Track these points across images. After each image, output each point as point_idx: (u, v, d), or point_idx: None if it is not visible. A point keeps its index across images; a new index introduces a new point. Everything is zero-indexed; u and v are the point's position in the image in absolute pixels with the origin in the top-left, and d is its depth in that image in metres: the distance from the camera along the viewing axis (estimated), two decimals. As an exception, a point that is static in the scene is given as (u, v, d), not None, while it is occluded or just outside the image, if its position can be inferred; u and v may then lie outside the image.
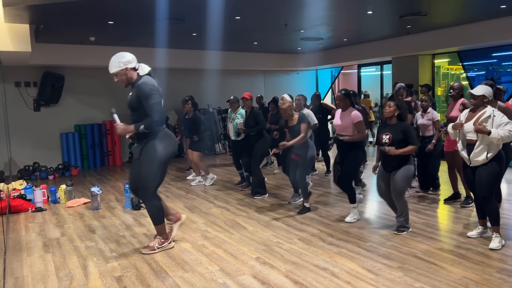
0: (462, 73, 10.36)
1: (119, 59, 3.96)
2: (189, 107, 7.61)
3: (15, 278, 3.81)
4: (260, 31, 8.73)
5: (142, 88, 3.92)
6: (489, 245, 4.06)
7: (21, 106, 9.71)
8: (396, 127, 4.49)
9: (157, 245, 4.27)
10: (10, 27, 6.51)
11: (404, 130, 4.43)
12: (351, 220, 5.11)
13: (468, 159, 4.15)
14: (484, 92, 4.11)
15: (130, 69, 3.99)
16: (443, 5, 6.95)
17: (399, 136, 4.42)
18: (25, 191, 6.49)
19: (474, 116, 4.13)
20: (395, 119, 4.52)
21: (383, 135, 4.51)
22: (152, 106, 3.89)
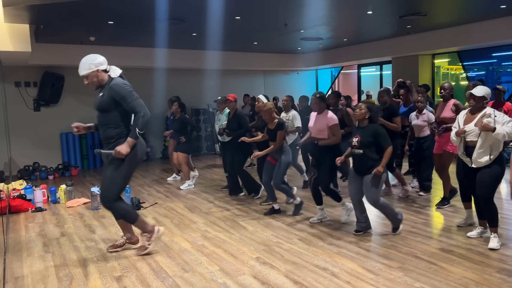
0: (462, 73, 10.36)
1: (90, 61, 3.87)
2: (176, 108, 7.46)
3: (15, 278, 3.81)
4: (260, 31, 8.73)
5: (116, 90, 3.83)
6: (488, 245, 4.05)
7: (21, 106, 9.71)
8: (366, 129, 4.39)
9: (147, 242, 4.19)
10: (10, 27, 6.51)
11: (375, 133, 4.32)
12: (346, 219, 5.10)
13: (469, 161, 4.10)
14: (484, 93, 4.08)
15: (101, 71, 3.93)
16: (443, 5, 6.95)
17: (368, 139, 4.31)
18: (25, 191, 6.49)
19: (474, 118, 4.09)
20: (366, 121, 4.42)
21: (353, 138, 4.44)
22: (133, 102, 3.82)
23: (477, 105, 4.09)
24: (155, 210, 6.05)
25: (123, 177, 3.97)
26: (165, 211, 5.97)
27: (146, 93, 10.19)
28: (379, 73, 11.99)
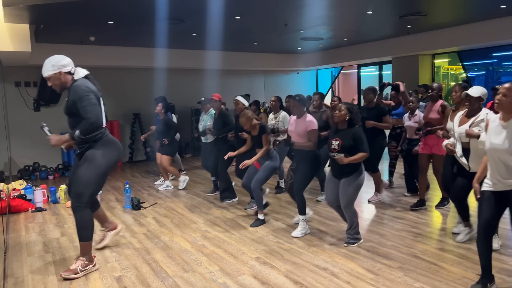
0: (462, 73, 10.37)
1: (52, 63, 3.68)
2: (160, 109, 7.16)
3: (15, 278, 3.81)
4: (260, 31, 8.73)
5: (75, 90, 3.65)
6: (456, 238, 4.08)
7: (21, 106, 9.71)
8: (346, 132, 4.16)
9: (80, 267, 3.76)
10: (10, 27, 6.51)
11: (355, 136, 4.11)
12: (298, 235, 4.65)
13: (467, 165, 3.92)
14: (481, 93, 3.86)
15: (64, 73, 3.71)
16: (443, 5, 6.95)
17: (349, 142, 4.09)
18: (25, 191, 6.49)
19: (469, 120, 3.88)
20: (345, 123, 4.18)
21: (333, 141, 4.19)
22: (86, 107, 3.59)
23: (473, 106, 3.87)
24: (155, 210, 6.05)
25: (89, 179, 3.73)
26: (165, 211, 5.97)
27: (146, 93, 10.22)
28: (379, 73, 11.99)
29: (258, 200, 5.14)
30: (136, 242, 4.68)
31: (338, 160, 4.10)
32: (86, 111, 3.60)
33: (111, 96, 10.65)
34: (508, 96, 2.86)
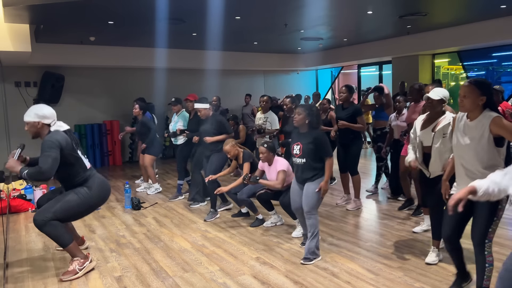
0: (462, 73, 10.37)
1: (35, 111, 3.77)
2: (137, 111, 7.05)
3: (15, 278, 3.81)
4: (260, 31, 8.73)
5: (43, 141, 3.76)
6: (426, 259, 3.77)
7: (21, 106, 9.69)
8: (307, 136, 3.94)
9: (77, 267, 3.80)
10: (10, 27, 6.51)
11: (315, 140, 3.88)
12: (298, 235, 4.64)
13: (427, 170, 3.70)
14: (442, 95, 3.65)
15: (43, 124, 3.81)
16: (443, 5, 6.95)
17: (310, 146, 3.89)
18: (25, 191, 6.49)
19: (431, 124, 3.67)
20: (306, 127, 3.96)
21: (294, 145, 4.00)
22: (44, 157, 3.65)
23: (435, 109, 3.66)
24: (155, 210, 6.05)
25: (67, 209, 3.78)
26: (165, 211, 5.97)
27: (146, 93, 10.21)
28: (379, 73, 11.99)
29: (250, 206, 5.15)
30: (136, 242, 4.68)
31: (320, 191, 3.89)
32: (42, 161, 3.65)
33: (111, 96, 10.68)
34: (468, 97, 2.83)
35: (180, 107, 6.82)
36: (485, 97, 2.80)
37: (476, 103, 2.81)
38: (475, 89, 2.80)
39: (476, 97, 2.80)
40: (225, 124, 5.77)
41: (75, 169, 3.84)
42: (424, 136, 3.67)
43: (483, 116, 2.81)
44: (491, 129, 2.76)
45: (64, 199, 3.78)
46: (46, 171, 3.61)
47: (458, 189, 2.97)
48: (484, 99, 2.80)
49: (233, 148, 5.25)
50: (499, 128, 2.74)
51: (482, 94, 2.80)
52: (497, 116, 2.78)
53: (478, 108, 2.83)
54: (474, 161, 2.83)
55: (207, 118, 5.76)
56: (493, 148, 2.78)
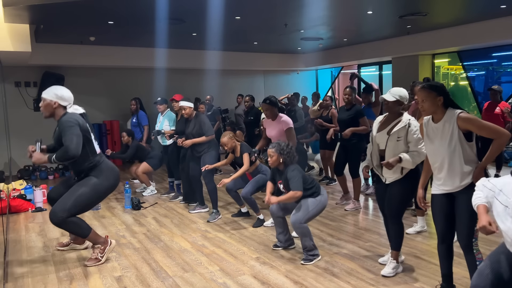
0: (462, 73, 10.36)
1: (55, 91, 3.87)
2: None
3: (15, 278, 3.81)
4: (260, 31, 8.72)
5: (62, 122, 3.80)
6: (382, 271, 3.60)
7: (21, 106, 9.71)
8: (283, 173, 4.00)
9: (99, 254, 4.03)
10: (10, 27, 6.51)
11: (286, 177, 3.93)
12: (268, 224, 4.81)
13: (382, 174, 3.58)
14: (398, 97, 3.52)
15: (59, 105, 3.87)
16: (443, 5, 6.95)
17: (286, 183, 3.94)
18: (25, 191, 6.49)
19: (387, 126, 3.55)
20: (282, 165, 4.01)
21: (279, 183, 4.11)
22: (68, 136, 3.71)
23: (391, 111, 3.55)
24: (155, 210, 6.05)
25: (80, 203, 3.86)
26: (165, 211, 5.97)
27: (146, 93, 10.22)
28: (379, 73, 11.99)
29: (252, 204, 5.13)
30: (136, 242, 4.68)
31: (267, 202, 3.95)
32: (66, 140, 3.71)
33: (111, 96, 10.67)
34: (426, 100, 2.86)
35: (165, 106, 6.79)
36: (442, 97, 2.85)
37: (435, 104, 2.86)
38: (430, 91, 2.86)
39: (434, 98, 2.85)
40: (205, 125, 5.54)
41: (85, 152, 3.89)
42: (380, 139, 3.56)
43: (447, 115, 2.85)
44: (459, 125, 2.78)
45: (76, 194, 3.84)
46: (73, 149, 3.70)
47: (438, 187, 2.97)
48: (442, 99, 2.85)
49: (230, 141, 5.20)
50: (466, 123, 2.77)
51: (438, 94, 2.85)
52: (461, 112, 2.81)
53: (439, 108, 2.87)
54: (451, 160, 2.84)
55: (190, 120, 5.65)
56: (465, 143, 2.81)
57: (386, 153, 3.50)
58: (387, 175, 3.53)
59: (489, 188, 2.29)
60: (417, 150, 3.38)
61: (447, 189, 2.92)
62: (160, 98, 6.82)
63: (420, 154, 3.37)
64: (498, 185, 2.24)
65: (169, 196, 6.82)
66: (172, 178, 6.89)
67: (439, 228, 3.04)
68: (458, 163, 2.83)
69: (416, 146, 3.40)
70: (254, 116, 7.12)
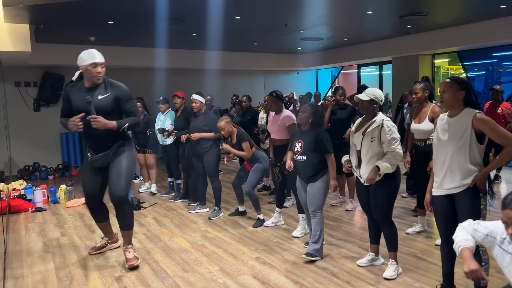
0: (462, 73, 10.37)
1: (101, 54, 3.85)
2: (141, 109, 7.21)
3: (15, 278, 3.81)
4: (260, 31, 8.73)
5: (122, 88, 3.78)
6: (384, 274, 3.56)
7: (21, 106, 9.71)
8: (309, 133, 3.97)
9: (134, 254, 4.01)
10: (10, 27, 6.51)
11: (317, 138, 3.90)
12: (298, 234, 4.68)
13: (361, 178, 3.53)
14: (373, 96, 3.46)
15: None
16: (443, 5, 6.95)
17: (311, 143, 3.91)
18: (25, 191, 6.49)
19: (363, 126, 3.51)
20: (308, 125, 4.00)
21: (296, 143, 4.03)
22: (135, 106, 3.84)
23: (366, 110, 3.50)
24: (155, 210, 6.05)
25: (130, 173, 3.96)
26: (165, 211, 5.97)
27: (146, 93, 10.21)
28: (379, 73, 12.00)
29: (255, 202, 5.14)
30: (136, 242, 4.68)
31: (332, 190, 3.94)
32: (136, 110, 3.82)
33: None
34: (447, 91, 2.84)
35: (167, 106, 6.78)
36: (464, 91, 2.82)
37: (456, 97, 2.82)
38: (454, 83, 2.84)
39: (455, 91, 2.82)
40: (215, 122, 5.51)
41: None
42: (356, 139, 3.54)
43: (464, 112, 2.82)
44: (474, 124, 2.75)
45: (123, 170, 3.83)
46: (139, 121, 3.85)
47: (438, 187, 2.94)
48: (463, 94, 2.82)
49: (227, 125, 5.15)
50: (481, 123, 2.74)
51: (460, 88, 2.82)
52: (479, 112, 2.77)
53: (458, 103, 2.84)
54: (456, 157, 2.81)
55: (198, 115, 5.63)
56: (475, 144, 2.78)
57: (362, 153, 3.47)
58: (365, 176, 3.45)
59: (485, 233, 2.10)
60: (390, 150, 3.36)
61: (446, 188, 2.89)
62: (162, 98, 6.81)
63: (395, 154, 3.35)
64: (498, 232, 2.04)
65: (169, 196, 6.82)
66: (172, 178, 6.89)
67: (442, 230, 3.03)
68: (461, 161, 2.79)
69: (389, 146, 3.36)
70: (251, 116, 7.12)
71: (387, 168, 3.33)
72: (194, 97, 5.63)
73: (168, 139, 6.52)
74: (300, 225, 4.73)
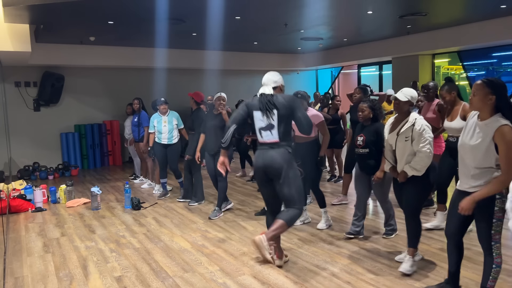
0: (462, 73, 10.37)
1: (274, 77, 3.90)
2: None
3: (15, 278, 3.81)
4: (260, 31, 8.73)
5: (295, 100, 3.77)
6: (399, 268, 3.63)
7: (21, 106, 9.71)
8: (370, 128, 4.27)
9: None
10: (10, 27, 6.51)
11: (377, 131, 4.19)
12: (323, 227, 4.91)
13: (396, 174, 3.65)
14: (410, 97, 3.55)
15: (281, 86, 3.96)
16: (443, 5, 6.95)
17: (372, 137, 4.19)
18: (25, 191, 6.49)
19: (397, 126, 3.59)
20: (369, 120, 4.29)
21: (358, 137, 4.33)
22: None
23: (401, 111, 3.58)
24: (155, 210, 6.04)
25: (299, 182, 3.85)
26: (165, 211, 5.97)
27: (146, 93, 10.21)
28: (379, 73, 11.99)
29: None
30: (136, 242, 4.68)
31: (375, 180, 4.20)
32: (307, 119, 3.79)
33: (111, 96, 10.67)
34: (476, 94, 2.72)
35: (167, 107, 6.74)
36: (494, 96, 2.67)
37: (484, 102, 2.70)
38: (484, 87, 2.69)
39: (484, 96, 2.68)
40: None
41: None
42: (391, 140, 3.63)
43: (492, 120, 2.69)
44: (494, 135, 2.65)
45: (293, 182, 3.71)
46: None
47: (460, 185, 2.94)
48: (493, 99, 2.67)
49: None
50: (499, 138, 2.63)
51: (491, 93, 2.67)
52: (505, 125, 2.62)
53: (487, 108, 2.71)
54: (472, 160, 2.79)
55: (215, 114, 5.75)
56: (493, 153, 2.69)
57: (397, 154, 3.57)
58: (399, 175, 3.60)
59: None
60: (419, 149, 3.40)
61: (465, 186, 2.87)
62: (163, 99, 6.77)
63: (424, 155, 3.39)
64: None
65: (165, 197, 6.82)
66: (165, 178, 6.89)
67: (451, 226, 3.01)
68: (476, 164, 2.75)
69: (417, 144, 3.41)
70: None
71: (416, 172, 3.45)
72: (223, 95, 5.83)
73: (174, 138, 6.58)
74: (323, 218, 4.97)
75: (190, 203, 6.22)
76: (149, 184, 7.65)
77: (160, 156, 6.72)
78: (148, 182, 7.71)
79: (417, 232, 3.65)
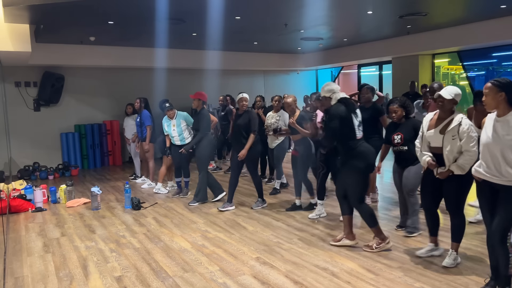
0: (462, 73, 10.37)
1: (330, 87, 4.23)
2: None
3: (15, 278, 3.81)
4: (260, 31, 8.73)
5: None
6: (443, 262, 3.70)
7: (21, 106, 9.71)
8: (406, 125, 4.40)
9: (375, 245, 4.14)
10: (10, 27, 6.51)
11: (415, 126, 4.25)
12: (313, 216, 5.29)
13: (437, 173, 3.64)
14: (454, 95, 3.56)
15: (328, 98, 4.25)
16: (443, 5, 6.95)
17: (411, 133, 4.29)
18: (25, 191, 6.49)
19: (440, 123, 3.61)
20: (402, 118, 4.44)
21: (394, 136, 4.41)
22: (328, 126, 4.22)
23: (445, 108, 3.58)
24: (155, 210, 6.05)
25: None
26: (165, 211, 5.97)
27: (146, 93, 10.21)
28: (379, 73, 12.00)
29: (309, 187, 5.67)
30: (136, 242, 4.68)
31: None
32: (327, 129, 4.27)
33: (111, 96, 10.67)
34: (487, 94, 2.97)
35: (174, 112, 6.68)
36: (504, 92, 2.90)
37: (496, 99, 2.93)
38: (493, 86, 2.95)
39: (495, 94, 2.93)
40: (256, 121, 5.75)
41: None
42: (432, 137, 3.64)
43: (510, 114, 2.91)
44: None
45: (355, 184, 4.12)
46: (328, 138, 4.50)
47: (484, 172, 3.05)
48: (503, 95, 2.91)
49: (294, 103, 5.54)
50: None
51: (499, 90, 2.91)
52: None
53: (502, 104, 2.93)
54: (497, 156, 2.92)
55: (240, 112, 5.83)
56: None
57: (444, 153, 3.54)
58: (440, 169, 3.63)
59: None
60: (468, 149, 3.45)
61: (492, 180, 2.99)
62: (168, 104, 6.67)
63: (471, 155, 3.44)
64: None
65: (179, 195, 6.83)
66: (179, 177, 6.89)
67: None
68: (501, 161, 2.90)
69: (467, 144, 3.45)
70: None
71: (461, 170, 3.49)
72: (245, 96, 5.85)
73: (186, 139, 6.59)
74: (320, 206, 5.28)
75: (190, 203, 6.22)
76: (149, 184, 7.66)
77: (175, 156, 6.75)
78: (148, 182, 7.72)
79: (462, 227, 3.68)
